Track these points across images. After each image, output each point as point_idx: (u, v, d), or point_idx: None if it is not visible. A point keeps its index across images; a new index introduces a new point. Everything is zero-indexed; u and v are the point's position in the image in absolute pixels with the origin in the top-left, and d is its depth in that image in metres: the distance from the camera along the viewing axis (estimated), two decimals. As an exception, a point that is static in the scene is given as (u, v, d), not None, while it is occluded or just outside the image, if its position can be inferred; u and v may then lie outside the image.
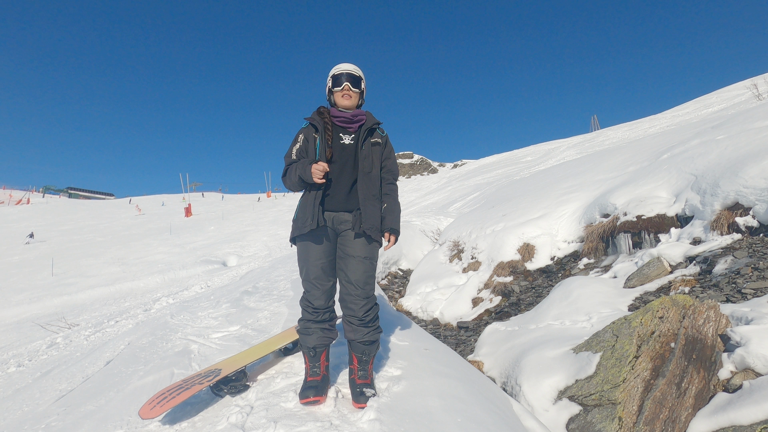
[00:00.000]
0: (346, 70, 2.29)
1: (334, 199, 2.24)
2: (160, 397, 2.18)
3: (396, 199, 2.39)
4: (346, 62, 2.34)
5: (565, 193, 7.86)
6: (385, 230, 2.29)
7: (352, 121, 2.30)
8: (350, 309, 2.25)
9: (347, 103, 2.29)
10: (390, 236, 2.30)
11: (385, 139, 2.39)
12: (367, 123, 2.32)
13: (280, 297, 4.82)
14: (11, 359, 6.25)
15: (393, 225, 2.30)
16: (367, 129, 2.31)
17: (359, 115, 2.32)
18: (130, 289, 12.09)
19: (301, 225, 2.21)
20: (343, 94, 2.28)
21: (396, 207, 2.36)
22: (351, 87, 2.28)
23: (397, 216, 2.34)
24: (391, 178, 2.40)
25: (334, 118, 2.30)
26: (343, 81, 2.27)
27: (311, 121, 2.30)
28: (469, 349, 5.01)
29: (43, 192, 68.32)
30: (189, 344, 3.38)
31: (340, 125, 2.30)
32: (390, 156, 2.41)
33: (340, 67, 2.31)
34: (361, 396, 2.15)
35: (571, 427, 2.84)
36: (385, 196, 2.35)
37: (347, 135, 2.30)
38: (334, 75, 2.31)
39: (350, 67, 2.32)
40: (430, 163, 78.64)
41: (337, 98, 2.31)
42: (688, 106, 24.82)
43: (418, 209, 17.81)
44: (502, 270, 6.80)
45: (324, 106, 2.38)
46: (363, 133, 2.29)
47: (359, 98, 2.36)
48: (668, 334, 3.02)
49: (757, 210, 4.42)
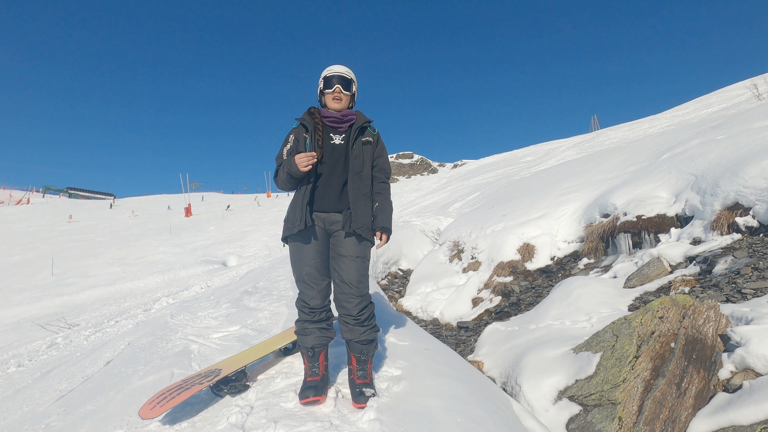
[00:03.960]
0: (337, 73, 2.28)
1: (325, 200, 2.24)
2: (160, 397, 2.18)
3: (388, 198, 2.38)
4: (338, 64, 2.34)
5: (565, 193, 7.86)
6: (377, 229, 2.29)
7: (343, 121, 2.30)
8: (345, 308, 2.25)
9: (338, 105, 2.29)
10: (382, 235, 2.30)
11: (377, 138, 2.38)
12: (357, 122, 2.31)
13: (280, 297, 4.82)
14: (11, 359, 6.25)
15: (384, 224, 2.30)
16: (358, 128, 2.30)
17: (349, 114, 2.32)
18: (130, 289, 12.09)
19: (291, 225, 2.22)
20: (333, 97, 2.28)
21: (388, 206, 2.36)
22: (342, 90, 2.28)
23: (389, 215, 2.34)
24: (383, 176, 2.39)
25: (325, 118, 2.30)
26: (335, 83, 2.27)
27: (302, 121, 2.30)
28: (469, 349, 5.01)
29: (43, 192, 68.29)
30: (189, 344, 3.38)
31: (330, 125, 2.30)
32: (382, 154, 2.40)
33: (332, 69, 2.30)
34: (361, 396, 2.15)
35: (571, 427, 2.84)
36: (377, 195, 2.35)
37: (338, 135, 2.29)
38: (325, 77, 2.30)
39: (342, 69, 2.31)
40: (430, 163, 78.63)
41: (327, 100, 2.30)
42: (688, 106, 24.81)
43: (418, 209, 17.80)
44: (502, 270, 6.80)
45: (315, 107, 2.38)
46: (354, 132, 2.29)
47: (350, 101, 2.35)
48: (668, 334, 3.02)
49: (757, 210, 4.42)
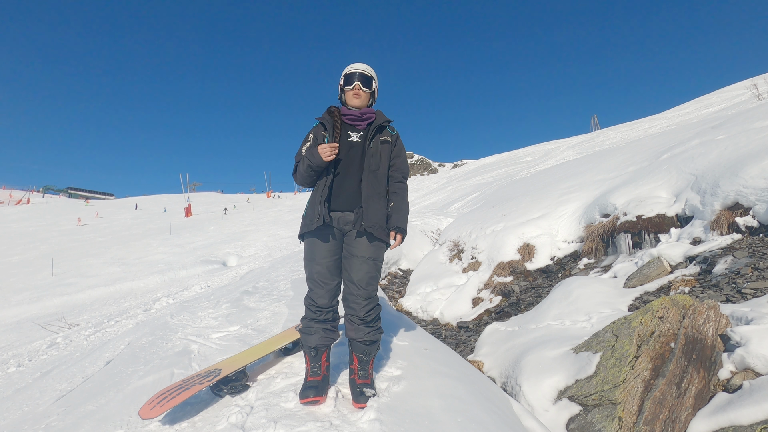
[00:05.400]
0: (358, 70, 2.30)
1: (340, 198, 2.24)
2: (160, 397, 2.18)
3: (404, 198, 2.37)
4: (359, 62, 2.35)
5: (565, 193, 7.86)
6: (392, 228, 2.28)
7: (361, 119, 2.30)
8: (352, 308, 2.25)
9: (357, 102, 2.30)
10: (396, 235, 2.29)
11: (396, 138, 2.38)
12: (376, 121, 2.32)
13: (280, 297, 4.82)
14: (11, 359, 6.25)
15: (399, 223, 2.28)
16: (376, 127, 2.30)
17: (368, 113, 2.32)
18: (130, 289, 12.10)
19: (309, 222, 2.22)
20: (353, 93, 2.29)
21: (404, 206, 2.34)
22: (362, 87, 2.29)
23: (404, 215, 2.32)
24: (400, 176, 2.38)
25: (344, 116, 2.31)
26: (355, 80, 2.28)
27: (321, 120, 2.32)
28: (469, 349, 5.01)
29: (43, 192, 68.33)
30: (189, 344, 3.38)
31: (349, 123, 2.31)
32: (400, 154, 2.39)
33: (353, 66, 2.32)
34: (361, 396, 2.15)
35: (571, 427, 2.84)
36: (393, 194, 2.34)
37: (356, 133, 2.30)
38: (346, 74, 2.32)
39: (363, 66, 2.32)
40: (430, 163, 78.68)
41: (347, 97, 2.32)
42: (688, 106, 24.83)
43: (418, 209, 17.81)
44: (502, 270, 6.80)
45: (335, 106, 2.39)
46: (371, 130, 2.29)
47: (370, 98, 2.36)
48: (668, 334, 3.02)
49: (757, 210, 4.42)
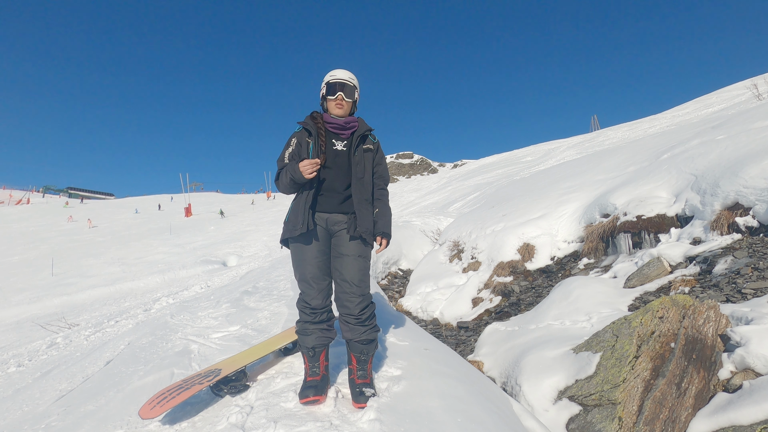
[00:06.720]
0: (340, 79, 2.31)
1: (328, 201, 2.28)
2: (160, 397, 2.18)
3: (387, 204, 2.43)
4: (341, 69, 2.36)
5: (565, 193, 7.86)
6: (378, 234, 2.32)
7: (345, 128, 2.34)
8: (346, 307, 2.26)
9: (340, 111, 2.33)
10: (382, 240, 2.33)
11: (377, 146, 2.43)
12: (359, 130, 2.36)
13: (280, 297, 4.82)
14: (11, 359, 6.26)
15: (385, 229, 2.34)
16: (360, 135, 2.34)
17: (352, 122, 2.36)
18: (130, 289, 12.11)
19: (292, 228, 2.24)
20: (336, 104, 2.32)
21: (387, 211, 2.41)
22: (344, 97, 2.31)
23: (388, 220, 2.38)
24: (382, 183, 2.45)
25: (327, 124, 2.33)
26: (337, 90, 2.30)
27: (304, 125, 2.32)
28: (469, 349, 5.01)
29: (43, 192, 68.36)
30: (189, 344, 3.38)
31: (333, 131, 2.33)
32: (381, 162, 2.45)
33: (335, 74, 2.33)
34: (361, 396, 2.15)
35: (571, 427, 2.84)
36: (377, 201, 2.40)
37: (340, 141, 2.33)
38: (328, 83, 2.33)
39: (345, 75, 2.34)
40: (430, 163, 78.71)
41: (330, 106, 2.34)
42: (688, 106, 24.83)
43: (418, 209, 17.80)
44: (502, 270, 6.80)
45: (317, 112, 2.41)
46: (355, 139, 2.33)
47: (352, 107, 2.39)
48: (668, 334, 3.02)
49: (757, 210, 4.42)
